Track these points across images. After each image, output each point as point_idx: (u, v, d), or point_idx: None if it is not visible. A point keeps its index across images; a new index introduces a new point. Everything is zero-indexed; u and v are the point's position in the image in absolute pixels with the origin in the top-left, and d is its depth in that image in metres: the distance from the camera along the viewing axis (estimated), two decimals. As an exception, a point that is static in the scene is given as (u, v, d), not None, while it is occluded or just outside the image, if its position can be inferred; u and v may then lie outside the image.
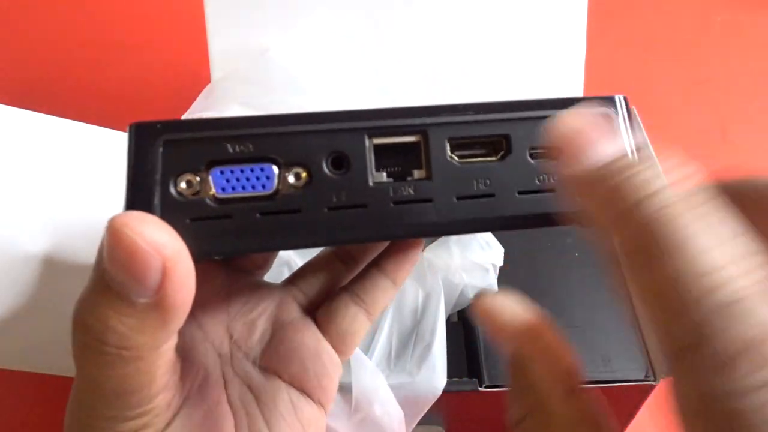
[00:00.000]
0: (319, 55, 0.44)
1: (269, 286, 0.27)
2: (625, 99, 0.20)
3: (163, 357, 0.18)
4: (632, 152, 0.16)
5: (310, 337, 0.25)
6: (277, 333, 0.25)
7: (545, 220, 0.20)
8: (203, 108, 0.41)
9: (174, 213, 0.18)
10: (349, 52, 0.46)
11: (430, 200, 0.19)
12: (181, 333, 0.19)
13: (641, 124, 0.20)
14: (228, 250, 0.19)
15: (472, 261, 0.35)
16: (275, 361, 0.25)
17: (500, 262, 0.36)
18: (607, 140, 0.14)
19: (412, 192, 0.19)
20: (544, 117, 0.19)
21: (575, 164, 0.14)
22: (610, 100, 0.20)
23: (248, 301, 0.25)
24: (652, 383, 0.35)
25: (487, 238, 0.36)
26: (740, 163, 0.61)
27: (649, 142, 0.16)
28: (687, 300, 0.11)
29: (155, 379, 0.18)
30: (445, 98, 0.20)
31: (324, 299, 0.27)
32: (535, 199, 0.19)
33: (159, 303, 0.16)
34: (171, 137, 0.18)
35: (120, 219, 0.16)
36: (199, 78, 0.50)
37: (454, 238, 0.35)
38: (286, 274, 0.36)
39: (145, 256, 0.15)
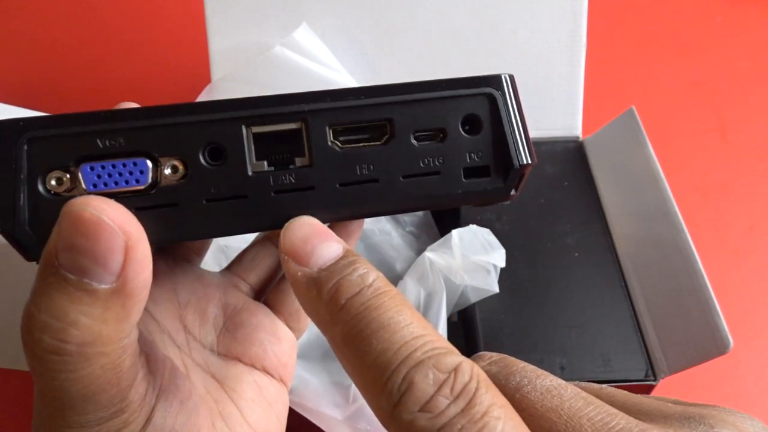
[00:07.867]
0: (319, 53, 0.44)
1: (211, 275, 0.27)
2: (511, 77, 0.19)
3: (127, 351, 0.18)
4: (343, 254, 0.18)
5: (266, 319, 0.26)
6: (231, 319, 0.26)
7: (430, 202, 0.19)
8: (204, 108, 0.41)
9: (44, 211, 0.17)
10: (348, 51, 0.46)
11: (311, 188, 0.19)
12: (140, 325, 0.19)
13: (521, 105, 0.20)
14: None
15: (473, 262, 0.35)
16: (234, 346, 0.25)
17: (502, 263, 0.36)
18: (325, 246, 0.18)
19: (293, 180, 0.19)
20: (427, 99, 0.19)
21: (302, 267, 0.17)
22: (495, 80, 0.19)
23: (195, 290, 0.25)
24: (652, 383, 0.35)
25: (489, 238, 0.36)
26: (739, 162, 0.61)
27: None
28: (393, 363, 0.15)
29: (122, 375, 0.18)
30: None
31: (268, 282, 0.28)
32: (420, 182, 0.19)
33: (121, 288, 0.16)
34: (36, 134, 0.17)
35: (80, 201, 0.16)
36: (199, 78, 0.50)
37: (455, 239, 0.35)
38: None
39: (111, 235, 0.15)
